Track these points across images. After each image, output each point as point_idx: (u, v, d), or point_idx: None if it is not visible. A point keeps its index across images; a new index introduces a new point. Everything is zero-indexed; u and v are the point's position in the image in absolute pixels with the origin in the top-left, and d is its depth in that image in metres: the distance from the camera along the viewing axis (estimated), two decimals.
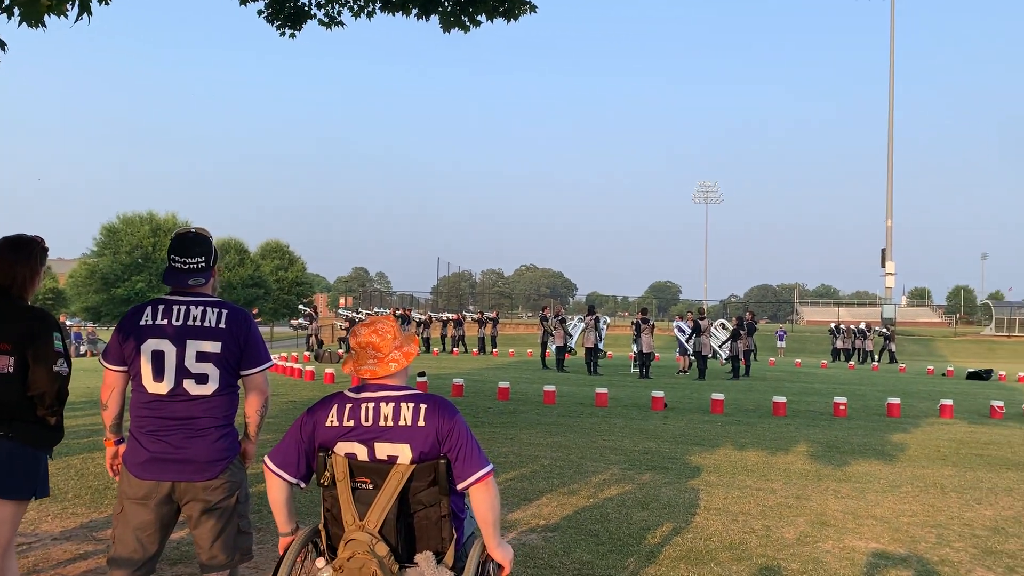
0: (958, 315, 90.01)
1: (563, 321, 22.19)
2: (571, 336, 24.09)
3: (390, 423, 2.57)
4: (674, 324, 23.89)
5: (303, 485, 2.70)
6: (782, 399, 12.57)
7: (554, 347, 22.23)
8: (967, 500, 6.52)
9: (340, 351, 26.78)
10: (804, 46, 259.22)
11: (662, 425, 10.58)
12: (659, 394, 12.86)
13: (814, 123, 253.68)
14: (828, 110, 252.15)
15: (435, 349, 31.13)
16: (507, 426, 10.00)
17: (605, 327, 24.68)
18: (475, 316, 33.84)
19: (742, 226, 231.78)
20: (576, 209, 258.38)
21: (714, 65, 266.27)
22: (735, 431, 10.23)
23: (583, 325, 22.58)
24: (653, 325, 21.34)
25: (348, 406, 2.63)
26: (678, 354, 23.83)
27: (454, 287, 70.58)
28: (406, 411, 2.58)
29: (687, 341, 22.12)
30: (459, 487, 2.59)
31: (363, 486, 2.59)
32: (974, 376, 23.62)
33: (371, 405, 2.61)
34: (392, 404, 2.60)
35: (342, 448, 2.60)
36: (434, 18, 8.03)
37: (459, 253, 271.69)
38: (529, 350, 32.55)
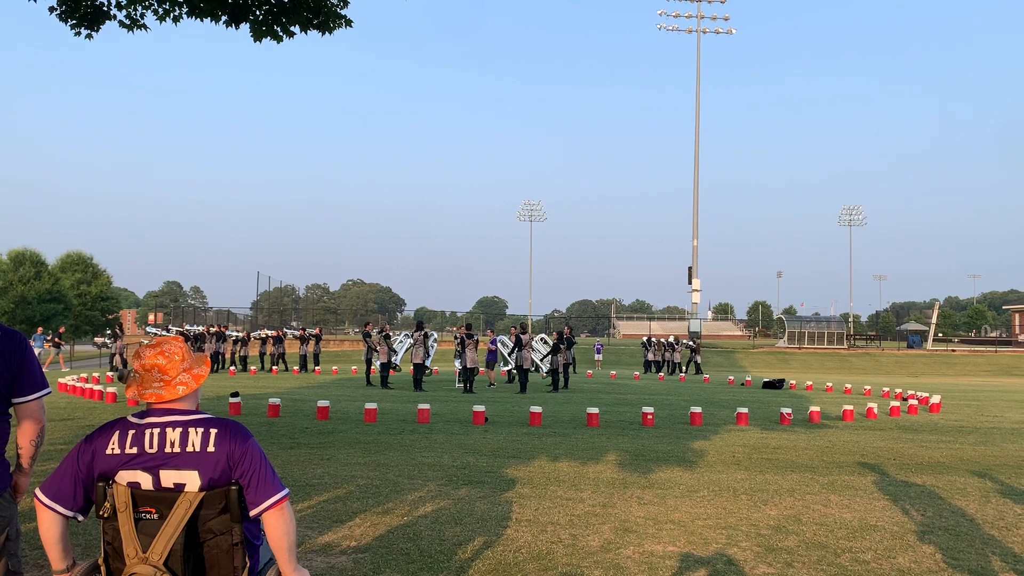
0: (757, 328, 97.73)
1: (387, 337, 22.00)
2: (395, 352, 23.92)
3: (177, 449, 2.46)
4: (490, 340, 24.23)
5: (80, 518, 2.53)
6: (595, 410, 13.10)
7: (378, 363, 22.00)
8: (755, 502, 7.06)
9: None
10: (617, 79, 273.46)
11: (482, 439, 10.73)
12: (480, 408, 13.03)
13: (630, 146, 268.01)
14: (642, 135, 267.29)
15: (252, 368, 29.90)
16: (324, 446, 9.77)
17: (435, 344, 24.74)
18: (297, 333, 32.82)
19: (565, 243, 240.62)
20: (405, 225, 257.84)
21: (540, 88, 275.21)
22: (551, 443, 10.54)
23: (411, 341, 22.49)
24: (477, 340, 21.61)
25: (131, 432, 2.49)
26: (502, 367, 24.30)
27: (276, 302, 68.29)
28: (195, 436, 2.48)
29: (509, 355, 22.59)
30: (252, 514, 2.51)
31: (147, 516, 2.46)
32: (768, 385, 25.63)
33: (156, 431, 2.49)
34: (179, 429, 2.49)
35: (124, 477, 2.46)
36: (244, 27, 7.76)
37: (282, 267, 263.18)
38: (353, 367, 32.00)
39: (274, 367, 30.22)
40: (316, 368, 29.90)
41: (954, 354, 55.54)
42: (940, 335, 70.40)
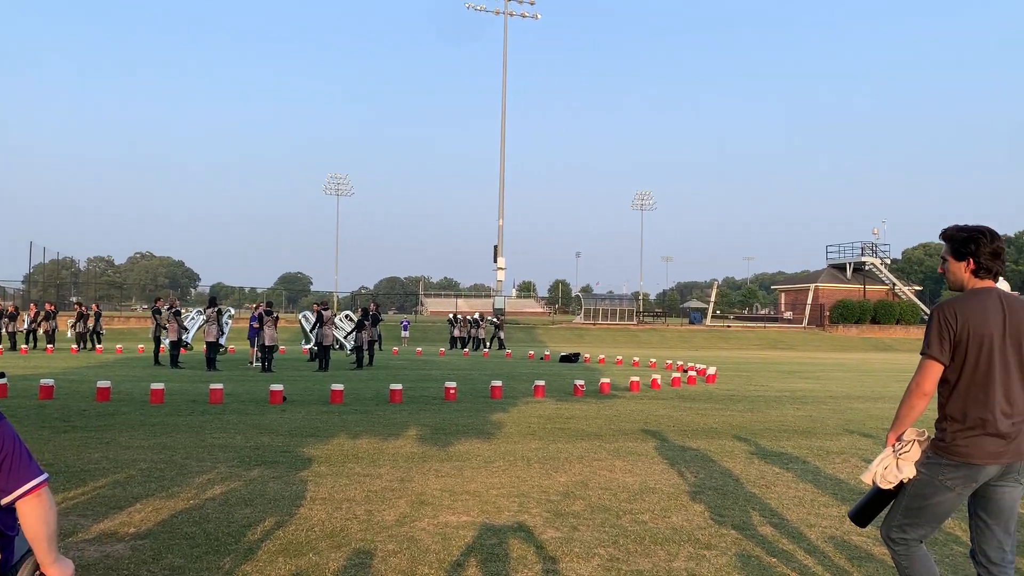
0: (556, 306, 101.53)
1: (177, 314, 20.75)
2: (187, 330, 22.62)
3: None
4: (251, 316, 23.53)
5: None
6: (399, 387, 13.11)
7: (168, 341, 20.74)
8: (547, 469, 7.39)
9: None
10: (429, 55, 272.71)
11: (279, 419, 10.43)
12: (278, 387, 12.65)
13: (439, 123, 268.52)
14: (452, 113, 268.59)
15: (23, 347, 27.20)
16: (104, 429, 9.09)
17: (229, 321, 23.55)
18: (75, 308, 30.15)
19: (373, 219, 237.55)
20: (201, 195, 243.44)
21: (350, 58, 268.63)
22: (351, 420, 10.44)
23: (203, 318, 21.34)
24: (277, 317, 20.89)
25: None
26: (303, 345, 23.65)
27: (52, 276, 62.30)
28: None
29: (311, 332, 22.03)
30: (4, 502, 2.31)
31: None
32: (565, 359, 26.79)
33: None
34: None
35: None
36: None
37: (59, 238, 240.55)
38: (140, 345, 29.91)
39: (49, 345, 27.65)
40: (98, 347, 27.71)
41: (730, 329, 60.52)
42: (718, 312, 76.46)
